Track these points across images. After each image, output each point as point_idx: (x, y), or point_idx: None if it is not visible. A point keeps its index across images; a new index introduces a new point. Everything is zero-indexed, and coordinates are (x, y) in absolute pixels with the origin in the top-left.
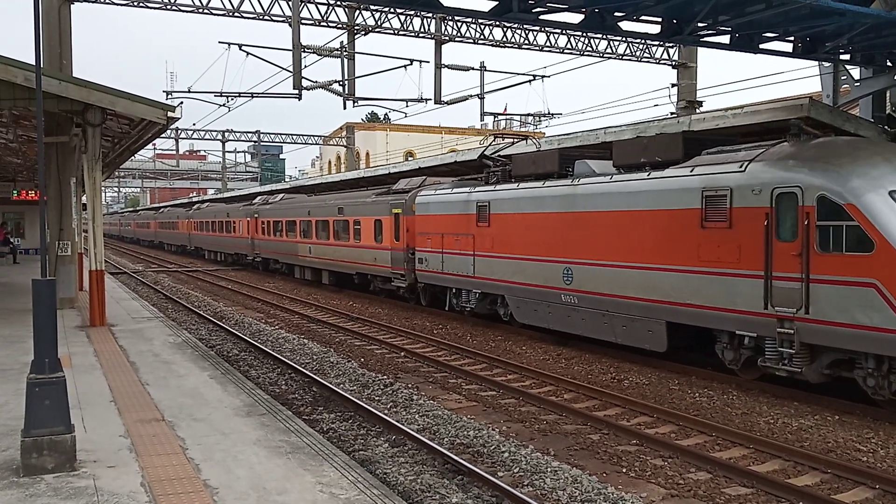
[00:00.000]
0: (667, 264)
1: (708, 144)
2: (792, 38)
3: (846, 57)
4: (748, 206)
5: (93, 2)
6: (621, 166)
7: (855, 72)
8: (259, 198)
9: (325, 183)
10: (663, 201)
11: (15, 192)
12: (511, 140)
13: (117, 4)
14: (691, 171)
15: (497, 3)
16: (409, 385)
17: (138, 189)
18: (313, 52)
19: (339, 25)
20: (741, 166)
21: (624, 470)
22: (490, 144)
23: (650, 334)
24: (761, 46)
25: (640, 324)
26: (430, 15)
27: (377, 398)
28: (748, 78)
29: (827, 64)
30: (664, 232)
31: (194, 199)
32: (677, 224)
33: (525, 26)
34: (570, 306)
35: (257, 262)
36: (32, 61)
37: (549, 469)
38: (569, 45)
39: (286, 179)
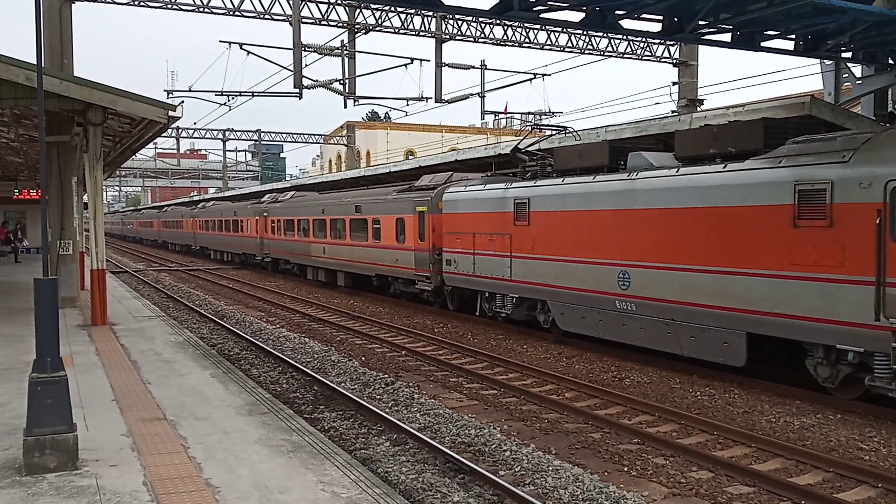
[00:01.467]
0: (749, 268)
1: (791, 134)
2: (793, 36)
3: (848, 55)
4: (854, 202)
5: (94, 1)
6: (685, 158)
7: (856, 69)
8: (268, 196)
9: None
10: (744, 197)
11: (16, 191)
12: (549, 133)
13: (118, 3)
14: (779, 163)
15: (498, 1)
16: (410, 384)
17: (139, 188)
18: (314, 51)
19: (340, 24)
20: (844, 157)
21: (625, 469)
22: (524, 137)
23: (726, 347)
24: (762, 44)
25: (713, 335)
26: (430, 14)
27: (378, 397)
28: (749, 76)
29: (828, 62)
30: (745, 231)
31: (200, 198)
32: (762, 222)
33: (526, 25)
34: (625, 314)
35: (266, 263)
36: (34, 60)
37: (550, 468)
38: (569, 44)
39: (287, 178)
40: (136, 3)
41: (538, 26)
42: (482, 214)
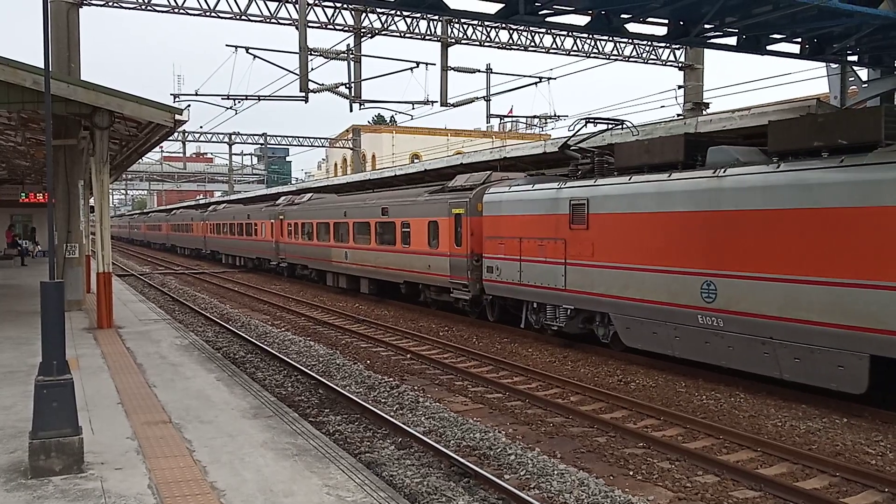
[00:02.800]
0: (875, 279)
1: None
2: (799, 40)
3: (854, 58)
4: None
5: (101, 5)
6: (781, 153)
7: (862, 73)
8: (283, 198)
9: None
10: (868, 196)
11: (23, 194)
12: (606, 127)
13: (125, 7)
14: None
15: (503, 5)
16: (416, 387)
17: (145, 191)
18: (320, 55)
19: (346, 28)
20: None
21: (631, 473)
22: (575, 133)
23: (841, 371)
24: (768, 48)
25: (825, 357)
26: (436, 17)
27: (383, 400)
28: (755, 79)
29: (834, 65)
30: (870, 236)
31: (211, 200)
32: (893, 226)
33: (531, 28)
34: (710, 330)
35: (282, 268)
36: (41, 64)
37: (555, 472)
38: (575, 47)
39: (293, 182)
40: (143, 7)
41: (544, 30)
42: (530, 217)
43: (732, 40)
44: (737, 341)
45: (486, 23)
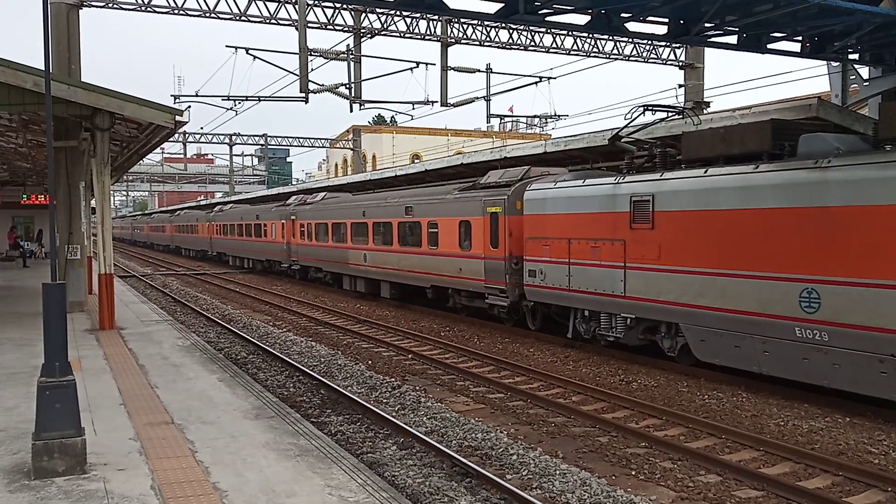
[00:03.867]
0: None
1: None
2: (800, 38)
3: (855, 56)
4: None
5: (101, 6)
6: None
7: (863, 71)
8: (294, 198)
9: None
10: None
11: (25, 196)
12: (666, 115)
13: (124, 9)
14: None
15: (503, 4)
16: (417, 387)
17: (146, 192)
18: (320, 56)
19: (346, 29)
20: None
21: (633, 473)
22: (628, 123)
23: None
24: (769, 46)
25: None
26: (436, 17)
27: (385, 401)
28: (756, 78)
29: (835, 63)
30: None
31: (216, 201)
32: None
33: (531, 28)
34: (810, 345)
35: (294, 271)
36: (41, 66)
37: (557, 472)
38: (575, 47)
39: (293, 182)
40: (143, 8)
41: (543, 29)
42: (581, 216)
43: (733, 39)
44: (845, 358)
45: (486, 22)
